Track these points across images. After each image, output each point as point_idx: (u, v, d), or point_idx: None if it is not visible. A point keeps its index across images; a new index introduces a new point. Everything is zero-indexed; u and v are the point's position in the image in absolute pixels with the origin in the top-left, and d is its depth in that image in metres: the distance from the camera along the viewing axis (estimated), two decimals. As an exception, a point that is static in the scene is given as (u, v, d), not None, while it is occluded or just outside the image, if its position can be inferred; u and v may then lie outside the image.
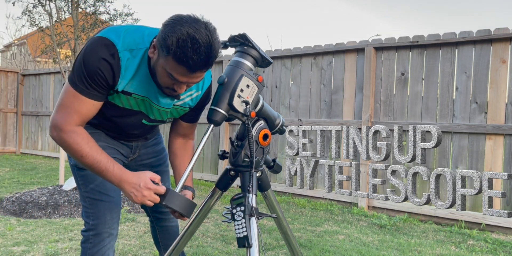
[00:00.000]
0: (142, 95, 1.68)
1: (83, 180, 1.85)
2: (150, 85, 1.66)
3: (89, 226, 1.85)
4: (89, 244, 1.84)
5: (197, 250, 3.32)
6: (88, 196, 1.84)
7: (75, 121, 1.61)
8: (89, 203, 1.85)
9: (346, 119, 5.18)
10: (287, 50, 5.74)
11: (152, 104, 1.72)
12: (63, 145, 1.62)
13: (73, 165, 1.88)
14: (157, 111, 1.76)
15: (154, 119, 1.80)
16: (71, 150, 1.61)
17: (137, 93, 1.67)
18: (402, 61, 4.82)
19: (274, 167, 1.90)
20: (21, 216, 4.22)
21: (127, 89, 1.65)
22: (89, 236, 1.84)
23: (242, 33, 1.67)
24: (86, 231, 1.86)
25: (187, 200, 1.61)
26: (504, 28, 4.18)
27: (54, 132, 1.61)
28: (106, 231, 1.84)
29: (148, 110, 1.75)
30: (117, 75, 1.59)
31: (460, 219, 4.32)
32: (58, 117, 1.61)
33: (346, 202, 5.14)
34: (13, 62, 21.60)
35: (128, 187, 1.59)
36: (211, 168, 6.53)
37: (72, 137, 1.59)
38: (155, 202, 1.59)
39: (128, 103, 1.69)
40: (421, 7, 74.31)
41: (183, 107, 1.82)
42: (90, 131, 1.77)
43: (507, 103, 4.18)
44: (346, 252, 3.39)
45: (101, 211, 1.83)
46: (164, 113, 1.79)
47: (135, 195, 1.58)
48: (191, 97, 1.80)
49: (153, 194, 1.58)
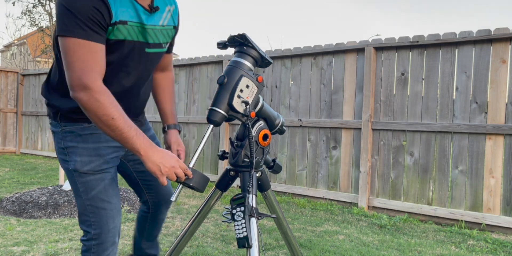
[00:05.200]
0: (134, 20, 1.60)
1: (84, 186, 1.71)
2: (132, 5, 1.59)
3: (91, 235, 1.74)
4: (92, 254, 1.75)
5: (197, 250, 3.32)
6: (90, 204, 1.72)
7: (98, 74, 1.48)
8: (91, 211, 1.72)
9: (346, 119, 5.18)
10: (287, 50, 5.74)
11: (145, 26, 1.64)
12: (92, 106, 1.46)
13: (73, 170, 1.72)
14: (152, 31, 1.68)
15: (153, 44, 1.71)
16: (102, 111, 1.46)
17: (130, 20, 1.59)
18: (402, 61, 4.82)
19: (274, 167, 1.90)
20: (21, 216, 4.22)
21: (122, 18, 1.55)
22: (92, 246, 1.74)
23: (242, 33, 1.66)
24: (88, 240, 1.75)
25: (204, 176, 1.62)
26: (504, 28, 4.18)
27: (82, 93, 1.46)
28: (110, 240, 1.76)
29: (145, 34, 1.66)
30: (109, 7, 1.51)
31: (460, 219, 4.33)
32: (80, 74, 1.46)
33: (346, 202, 5.14)
34: (13, 62, 21.60)
35: (156, 156, 1.53)
36: (211, 168, 6.53)
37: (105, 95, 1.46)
38: (179, 176, 1.55)
39: (129, 34, 1.60)
40: (421, 7, 74.34)
41: (169, 27, 1.76)
42: (90, 132, 1.73)
43: (507, 103, 4.18)
44: (346, 252, 3.39)
45: (103, 220, 1.73)
46: (159, 33, 1.71)
47: (164, 165, 1.53)
48: (170, 13, 1.75)
49: (180, 169, 1.55)
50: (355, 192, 5.08)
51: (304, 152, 5.52)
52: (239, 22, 50.73)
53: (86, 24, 1.46)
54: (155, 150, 1.55)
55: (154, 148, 1.55)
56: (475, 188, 4.31)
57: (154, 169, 1.54)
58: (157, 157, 1.54)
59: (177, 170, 1.55)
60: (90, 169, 1.71)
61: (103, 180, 1.73)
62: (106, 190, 1.74)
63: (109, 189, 1.74)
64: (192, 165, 1.63)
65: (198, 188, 1.60)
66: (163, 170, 1.54)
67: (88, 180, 1.72)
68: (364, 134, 4.94)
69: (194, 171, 1.60)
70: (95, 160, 1.72)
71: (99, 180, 1.72)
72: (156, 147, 1.56)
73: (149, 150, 1.54)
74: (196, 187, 1.59)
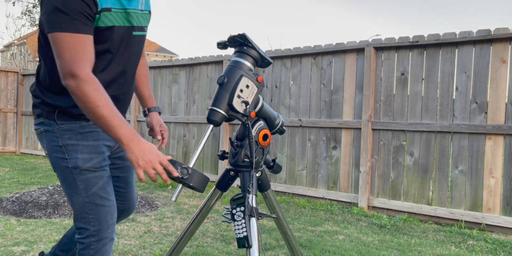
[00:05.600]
0: (117, 7, 1.68)
1: (85, 184, 1.73)
2: None
3: (90, 232, 1.76)
4: (91, 250, 1.76)
5: (197, 250, 3.32)
6: (89, 201, 1.74)
7: (87, 63, 1.56)
8: (90, 208, 1.75)
9: (346, 119, 5.18)
10: (287, 50, 5.74)
11: (127, 10, 1.73)
12: (79, 93, 1.53)
13: (73, 168, 1.73)
14: (135, 15, 1.77)
15: (138, 27, 1.80)
16: (88, 98, 1.53)
17: (113, 6, 1.67)
18: (402, 61, 4.82)
19: (274, 167, 1.90)
20: (21, 216, 4.22)
21: (105, 5, 1.64)
22: (91, 242, 1.76)
23: (242, 33, 1.67)
24: (86, 237, 1.76)
25: (204, 176, 1.61)
26: (504, 28, 4.18)
27: (71, 80, 1.53)
28: (108, 236, 1.78)
29: (129, 18, 1.75)
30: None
31: (460, 219, 4.33)
32: (70, 63, 1.54)
33: (346, 202, 5.14)
34: (13, 62, 21.60)
35: (137, 148, 1.54)
36: (211, 168, 6.53)
37: (92, 83, 1.53)
38: (158, 172, 1.55)
39: (116, 20, 1.69)
40: (421, 7, 74.39)
41: (146, 11, 1.85)
42: (89, 130, 1.76)
43: (507, 103, 4.18)
44: (346, 252, 3.39)
45: (102, 217, 1.76)
46: (140, 17, 1.80)
47: (142, 158, 1.54)
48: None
49: (159, 165, 1.55)
50: (355, 192, 5.08)
51: (304, 152, 5.52)
52: (239, 22, 50.77)
53: (74, 17, 1.54)
54: (138, 142, 1.56)
55: (137, 140, 1.56)
56: (475, 188, 4.31)
57: (132, 160, 1.55)
58: (138, 149, 1.55)
59: (155, 166, 1.55)
60: (91, 166, 1.73)
61: (102, 178, 1.76)
62: (104, 188, 1.76)
63: (107, 187, 1.77)
64: (192, 165, 1.63)
65: (198, 188, 1.60)
66: (141, 163, 1.54)
67: (89, 177, 1.74)
68: (364, 134, 4.94)
69: (194, 171, 1.60)
70: (95, 157, 1.75)
71: (98, 177, 1.75)
72: (140, 140, 1.57)
73: (131, 140, 1.55)
74: (196, 187, 1.59)
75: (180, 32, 77.58)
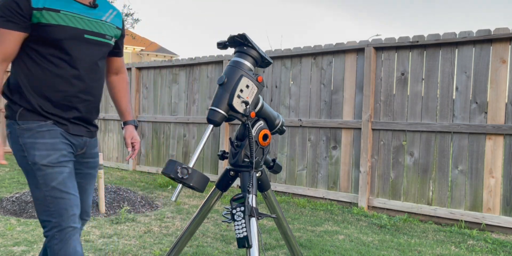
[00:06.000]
0: (69, 10, 1.85)
1: (44, 179, 1.85)
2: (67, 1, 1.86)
3: (53, 224, 1.86)
4: (55, 240, 1.86)
5: (197, 250, 3.32)
6: (50, 195, 1.85)
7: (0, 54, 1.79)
8: (50, 202, 1.86)
9: (346, 119, 5.18)
10: (287, 50, 5.74)
11: (83, 17, 1.89)
12: None
13: (32, 164, 1.85)
14: (95, 22, 1.93)
15: (92, 32, 1.93)
16: None
17: (63, 9, 1.83)
18: (402, 61, 4.82)
19: (274, 167, 1.90)
20: (21, 216, 4.22)
21: (49, 6, 1.80)
22: (54, 233, 1.86)
23: (242, 33, 1.67)
24: (50, 230, 1.87)
25: (204, 176, 1.63)
26: (504, 28, 4.18)
27: None
28: (70, 226, 1.87)
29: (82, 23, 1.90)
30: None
31: (460, 219, 4.33)
32: None
33: (346, 202, 5.14)
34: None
35: None
36: (211, 168, 6.53)
37: None
38: None
39: (62, 20, 1.83)
40: (421, 7, 74.36)
41: (112, 25, 2.01)
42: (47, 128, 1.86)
43: (507, 103, 4.18)
44: (346, 252, 3.39)
45: (63, 209, 1.86)
46: (102, 25, 1.96)
47: None
48: (112, 15, 2.03)
49: None
50: (355, 192, 5.08)
51: (304, 152, 5.52)
52: (239, 22, 50.77)
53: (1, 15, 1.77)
54: None
55: None
56: (475, 188, 4.31)
57: None
58: None
59: None
60: (49, 162, 1.84)
61: (62, 173, 1.86)
62: (65, 183, 1.87)
63: (67, 182, 1.87)
64: (192, 165, 1.63)
65: (198, 188, 1.60)
66: None
67: (48, 172, 1.85)
68: (364, 134, 4.94)
69: (194, 171, 1.60)
70: (53, 154, 1.85)
71: (57, 173, 1.85)
72: None
73: None
74: (196, 187, 1.59)
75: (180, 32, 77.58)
